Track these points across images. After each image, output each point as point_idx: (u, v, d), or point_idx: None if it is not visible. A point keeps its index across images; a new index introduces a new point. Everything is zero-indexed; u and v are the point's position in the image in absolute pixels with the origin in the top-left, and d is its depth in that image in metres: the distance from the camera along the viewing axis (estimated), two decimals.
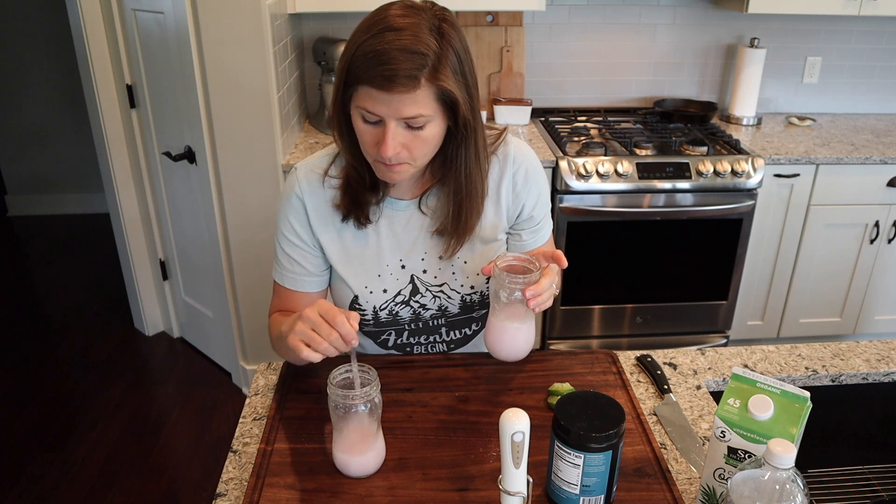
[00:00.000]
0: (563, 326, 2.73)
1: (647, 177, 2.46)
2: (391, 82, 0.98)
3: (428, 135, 1.06)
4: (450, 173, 1.15)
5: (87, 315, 3.25)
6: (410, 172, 1.11)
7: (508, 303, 1.08)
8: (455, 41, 1.03)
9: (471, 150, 1.12)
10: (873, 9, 2.64)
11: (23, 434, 2.49)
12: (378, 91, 0.99)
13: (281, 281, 1.25)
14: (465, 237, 1.20)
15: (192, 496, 2.23)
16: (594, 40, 2.94)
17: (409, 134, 1.04)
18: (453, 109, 1.06)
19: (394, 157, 1.05)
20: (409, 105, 1.00)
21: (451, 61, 1.02)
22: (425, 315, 1.27)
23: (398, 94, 0.99)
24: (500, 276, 1.07)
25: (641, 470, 1.00)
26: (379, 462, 1.00)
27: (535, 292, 1.04)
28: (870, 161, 2.57)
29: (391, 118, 1.02)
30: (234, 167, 2.29)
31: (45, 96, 4.07)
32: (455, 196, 1.16)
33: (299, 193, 1.20)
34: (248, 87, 2.17)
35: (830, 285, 2.81)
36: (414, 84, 0.99)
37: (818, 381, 1.27)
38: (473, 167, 1.14)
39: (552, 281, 1.06)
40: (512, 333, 1.11)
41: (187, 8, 2.08)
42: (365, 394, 0.94)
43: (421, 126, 1.04)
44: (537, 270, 1.06)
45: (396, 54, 0.97)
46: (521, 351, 1.14)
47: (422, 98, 1.01)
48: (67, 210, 4.36)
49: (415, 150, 1.06)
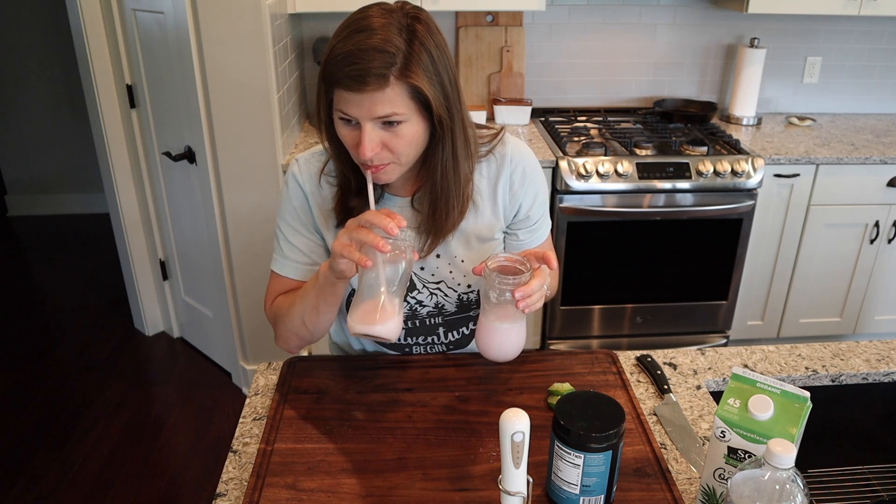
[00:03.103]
0: (563, 326, 2.73)
1: (647, 177, 2.46)
2: (360, 82, 0.99)
3: (407, 133, 1.05)
4: (427, 173, 1.15)
5: (87, 315, 3.25)
6: (398, 172, 1.11)
7: (499, 303, 1.08)
8: (428, 41, 1.03)
9: (447, 149, 1.11)
10: (873, 9, 2.65)
11: (23, 434, 2.49)
12: (349, 92, 1.00)
13: (281, 271, 1.25)
14: (441, 237, 1.19)
15: (192, 496, 2.23)
16: (594, 40, 2.94)
17: (387, 133, 1.05)
18: (429, 109, 1.06)
19: (375, 158, 1.05)
20: (380, 104, 1.01)
21: (423, 60, 1.02)
22: (422, 312, 1.27)
23: (369, 94, 1.00)
24: (490, 276, 1.06)
25: (641, 470, 1.00)
26: (394, 331, 1.05)
27: (525, 293, 1.03)
28: (870, 161, 2.57)
29: (365, 119, 1.02)
30: (234, 167, 2.29)
31: (45, 96, 4.07)
32: (430, 195, 1.16)
33: (301, 182, 1.21)
34: (248, 87, 2.17)
35: (830, 285, 2.81)
36: (382, 83, 0.99)
37: (818, 381, 1.27)
38: (449, 167, 1.13)
39: (543, 282, 1.06)
40: (502, 334, 1.11)
41: (187, 8, 2.08)
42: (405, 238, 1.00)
43: (397, 123, 1.04)
44: (528, 271, 1.06)
45: (364, 54, 0.98)
46: (512, 352, 1.14)
47: (393, 97, 1.01)
48: (67, 210, 4.36)
49: (396, 150, 1.06)
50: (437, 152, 1.11)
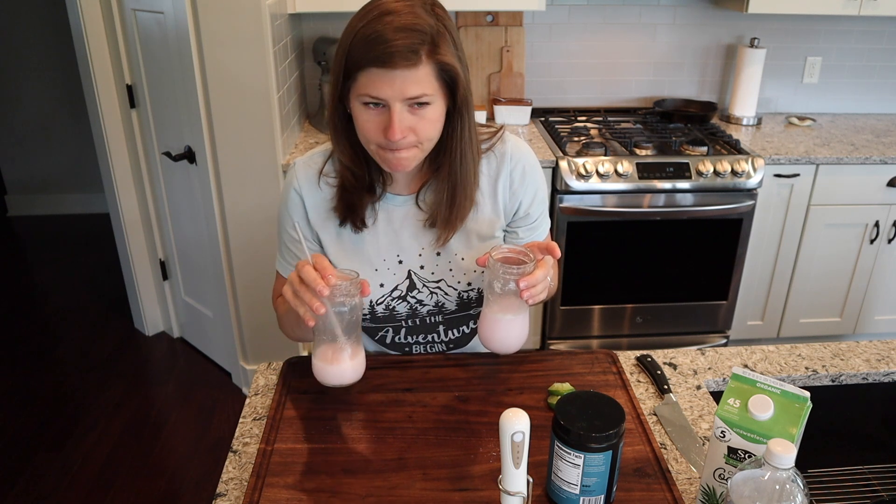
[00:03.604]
0: (563, 326, 2.73)
1: (647, 177, 2.46)
2: (393, 59, 0.99)
3: (433, 116, 1.07)
4: (445, 157, 1.15)
5: (87, 315, 3.25)
6: (419, 158, 1.12)
7: (502, 293, 1.07)
8: (449, 22, 1.06)
9: (465, 131, 1.13)
10: (873, 9, 2.65)
11: (23, 434, 2.49)
12: (381, 70, 1.01)
13: (283, 272, 1.29)
14: (458, 225, 1.20)
15: (192, 496, 2.23)
16: (594, 40, 2.94)
17: (414, 117, 1.06)
18: (452, 88, 1.08)
19: (402, 142, 1.06)
20: (412, 83, 1.02)
21: (448, 39, 1.05)
22: (422, 311, 1.27)
23: (401, 72, 1.00)
24: (494, 266, 1.06)
25: (641, 470, 1.00)
26: (356, 375, 1.09)
27: (529, 283, 1.03)
28: (870, 161, 2.57)
29: (395, 100, 1.03)
30: (234, 167, 2.29)
31: (45, 96, 4.07)
32: (450, 180, 1.16)
33: (298, 189, 1.22)
34: (248, 87, 2.17)
35: (830, 285, 2.81)
36: (415, 59, 1.01)
37: (818, 381, 1.27)
38: (468, 150, 1.15)
39: (546, 273, 1.06)
40: (505, 325, 1.10)
41: (187, 8, 2.08)
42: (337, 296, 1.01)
43: (425, 105, 1.05)
44: (532, 262, 1.06)
45: (396, 33, 0.99)
46: (515, 343, 1.13)
47: (423, 77, 1.02)
48: (67, 210, 4.36)
49: (421, 133, 1.07)
50: (457, 135, 1.13)
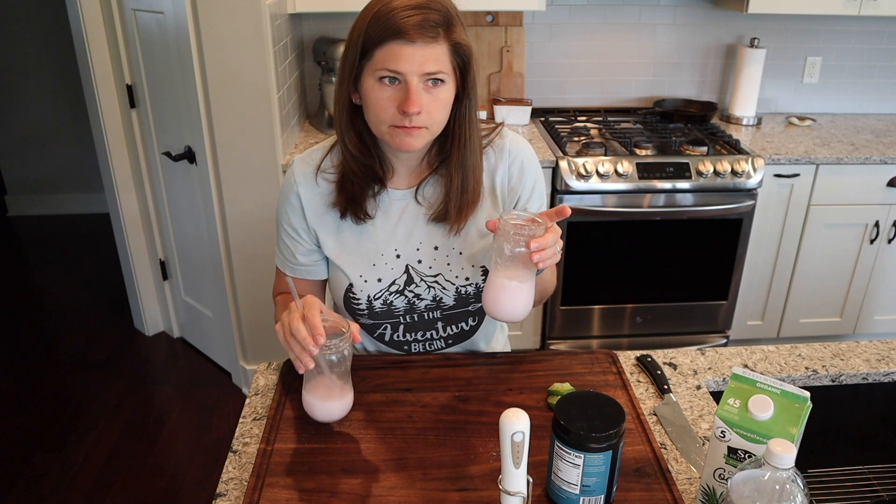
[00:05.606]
0: (563, 326, 2.73)
1: (647, 177, 2.46)
2: (413, 32, 1.03)
3: (444, 97, 1.10)
4: (454, 144, 1.17)
5: (87, 315, 3.25)
6: (427, 140, 1.14)
7: (512, 257, 1.05)
8: (457, 10, 1.10)
9: (473, 115, 1.16)
10: (873, 9, 2.65)
11: (23, 434, 2.49)
12: (400, 44, 1.04)
13: (282, 268, 1.31)
14: (471, 211, 1.21)
15: (192, 496, 2.23)
16: (594, 40, 2.94)
17: (429, 96, 1.08)
18: (463, 71, 1.11)
19: (415, 119, 1.08)
20: (430, 59, 1.05)
21: (460, 21, 1.10)
22: (420, 306, 1.27)
23: (420, 46, 1.04)
24: (505, 226, 1.04)
25: (641, 470, 1.00)
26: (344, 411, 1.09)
27: (540, 245, 1.02)
28: (870, 161, 2.57)
29: (413, 75, 1.05)
30: (234, 167, 2.29)
31: (45, 96, 4.07)
32: (461, 164, 1.18)
33: (295, 187, 1.23)
34: (248, 87, 2.17)
35: (830, 285, 2.81)
36: (435, 35, 1.05)
37: (818, 381, 1.27)
38: (475, 135, 1.18)
39: (556, 238, 1.05)
40: (512, 292, 1.07)
41: (187, 8, 2.08)
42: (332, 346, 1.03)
43: (440, 83, 1.08)
44: (542, 225, 1.05)
45: (414, 10, 1.04)
46: (520, 312, 1.10)
47: (440, 54, 1.06)
48: (67, 210, 4.36)
49: (433, 114, 1.10)
50: (465, 121, 1.16)
